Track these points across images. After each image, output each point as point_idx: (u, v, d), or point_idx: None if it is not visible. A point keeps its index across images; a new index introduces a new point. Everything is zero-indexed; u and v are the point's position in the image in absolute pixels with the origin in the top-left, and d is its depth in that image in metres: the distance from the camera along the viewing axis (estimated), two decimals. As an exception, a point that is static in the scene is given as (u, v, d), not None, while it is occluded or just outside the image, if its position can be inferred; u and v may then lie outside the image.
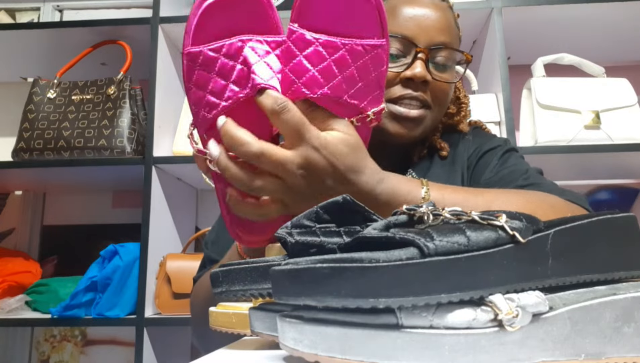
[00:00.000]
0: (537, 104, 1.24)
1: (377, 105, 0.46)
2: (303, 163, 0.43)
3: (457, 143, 0.80)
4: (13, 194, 1.72)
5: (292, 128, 0.42)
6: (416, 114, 0.69)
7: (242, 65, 0.42)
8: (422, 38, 0.69)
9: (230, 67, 0.42)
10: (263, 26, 0.44)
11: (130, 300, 1.24)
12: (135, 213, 1.67)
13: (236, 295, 0.39)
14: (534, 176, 0.68)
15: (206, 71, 0.43)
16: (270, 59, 0.43)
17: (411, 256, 0.24)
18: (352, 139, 0.45)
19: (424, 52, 0.68)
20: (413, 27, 0.69)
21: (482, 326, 0.24)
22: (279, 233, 0.34)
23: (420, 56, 0.68)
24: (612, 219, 0.30)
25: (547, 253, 0.27)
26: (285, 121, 0.42)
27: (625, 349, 0.26)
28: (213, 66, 0.43)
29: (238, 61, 0.42)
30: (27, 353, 1.60)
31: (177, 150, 1.28)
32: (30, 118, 1.32)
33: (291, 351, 0.27)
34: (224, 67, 0.43)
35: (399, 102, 0.69)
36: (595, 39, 1.45)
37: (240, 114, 0.43)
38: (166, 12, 1.38)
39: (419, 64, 0.67)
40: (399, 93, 0.69)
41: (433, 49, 0.69)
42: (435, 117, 0.73)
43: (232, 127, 0.42)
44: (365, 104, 0.45)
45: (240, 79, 0.42)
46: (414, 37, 0.68)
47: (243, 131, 0.42)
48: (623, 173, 1.42)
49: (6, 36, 1.40)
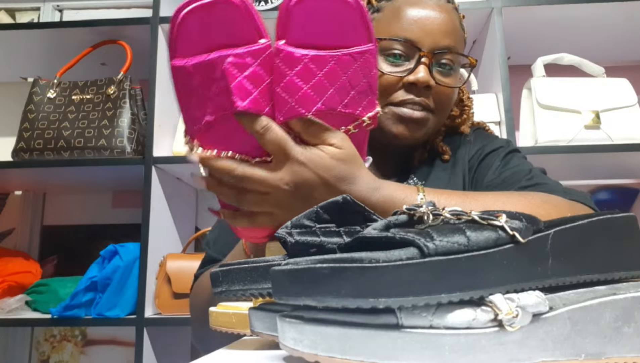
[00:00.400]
0: (537, 104, 1.24)
1: (372, 109, 0.47)
2: (290, 179, 0.44)
3: (458, 145, 0.79)
4: (13, 194, 1.72)
5: (276, 147, 0.44)
6: (420, 115, 0.68)
7: (222, 82, 0.42)
8: (426, 42, 0.67)
9: (210, 84, 0.42)
10: (243, 34, 0.43)
11: (130, 300, 1.24)
12: (135, 213, 1.67)
13: (236, 294, 0.39)
14: (538, 176, 0.67)
15: (188, 85, 0.43)
16: (250, 73, 0.42)
17: (411, 256, 0.24)
18: (343, 152, 0.46)
19: (428, 56, 0.67)
20: (417, 31, 0.67)
21: (482, 326, 0.24)
22: (279, 233, 0.34)
23: (423, 60, 0.67)
24: (612, 219, 0.30)
25: (547, 253, 0.27)
26: (269, 141, 0.43)
27: (626, 349, 0.26)
28: (194, 81, 0.43)
29: (217, 77, 0.42)
30: (27, 353, 1.60)
31: (177, 150, 1.28)
32: (30, 118, 1.32)
33: (291, 351, 0.27)
34: (204, 83, 0.43)
35: (402, 105, 0.68)
36: (595, 39, 1.45)
37: (228, 122, 0.44)
38: (166, 12, 1.38)
39: (422, 69, 0.66)
40: (401, 98, 0.68)
41: (437, 53, 0.67)
42: (438, 121, 0.73)
43: (210, 158, 0.44)
44: (360, 110, 0.46)
45: (220, 95, 0.42)
46: (417, 40, 0.67)
47: (223, 160, 0.44)
48: (623, 173, 1.42)
49: (6, 36, 1.40)
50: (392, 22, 0.69)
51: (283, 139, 0.44)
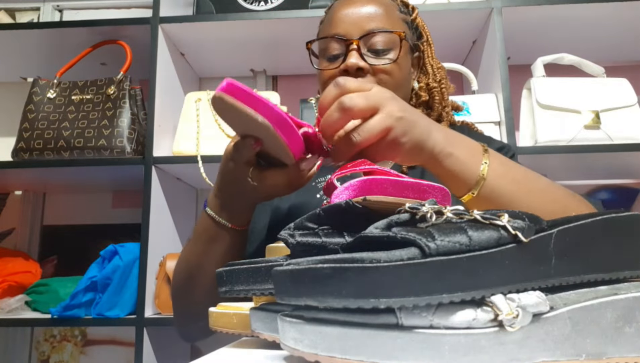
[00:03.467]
0: (537, 104, 1.24)
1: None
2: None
3: None
4: (13, 194, 1.72)
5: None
6: None
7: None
8: (353, 31, 0.72)
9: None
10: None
11: (130, 300, 1.24)
12: (135, 213, 1.67)
13: (239, 294, 0.39)
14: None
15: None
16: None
17: (412, 257, 0.24)
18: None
19: (355, 42, 0.71)
20: (344, 24, 0.72)
21: (482, 326, 0.24)
22: (281, 234, 0.34)
23: (352, 47, 0.71)
24: (616, 219, 0.30)
25: (550, 253, 0.27)
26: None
27: (627, 349, 0.26)
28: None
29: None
30: (27, 353, 1.60)
31: (177, 150, 1.28)
32: (30, 118, 1.32)
33: (292, 351, 0.27)
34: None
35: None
36: (595, 39, 1.45)
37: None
38: (166, 12, 1.38)
39: (351, 55, 0.70)
40: None
41: (363, 37, 0.71)
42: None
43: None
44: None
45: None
46: (345, 33, 0.72)
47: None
48: (623, 173, 1.42)
49: (6, 36, 1.40)
50: (326, 26, 0.76)
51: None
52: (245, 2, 1.38)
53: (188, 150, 1.27)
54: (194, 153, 1.25)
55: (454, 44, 1.46)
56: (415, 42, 0.81)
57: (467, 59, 1.54)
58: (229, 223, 0.63)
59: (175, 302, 0.73)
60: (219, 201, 0.63)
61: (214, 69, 1.63)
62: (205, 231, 0.65)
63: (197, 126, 1.29)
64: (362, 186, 0.39)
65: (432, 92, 0.80)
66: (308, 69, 1.62)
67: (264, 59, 1.57)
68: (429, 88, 0.80)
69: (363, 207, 0.33)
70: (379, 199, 0.34)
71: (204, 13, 1.38)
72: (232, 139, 0.59)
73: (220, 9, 1.38)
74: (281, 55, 1.53)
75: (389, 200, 0.35)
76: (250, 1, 1.38)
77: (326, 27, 0.76)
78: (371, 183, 0.39)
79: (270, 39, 1.42)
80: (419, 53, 0.82)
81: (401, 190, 0.40)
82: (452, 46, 1.47)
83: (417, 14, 0.81)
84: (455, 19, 1.32)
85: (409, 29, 0.78)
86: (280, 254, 0.44)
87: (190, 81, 1.59)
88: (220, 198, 0.63)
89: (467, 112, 1.26)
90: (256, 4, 1.38)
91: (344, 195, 0.39)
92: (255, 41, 1.43)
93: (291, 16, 1.28)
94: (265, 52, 1.52)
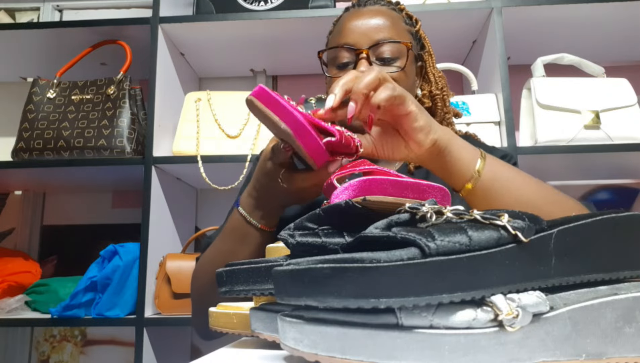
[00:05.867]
0: (537, 104, 1.24)
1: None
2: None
3: None
4: (13, 194, 1.72)
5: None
6: None
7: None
8: (363, 41, 0.75)
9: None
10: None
11: (130, 300, 1.24)
12: (135, 213, 1.67)
13: (239, 294, 0.39)
14: None
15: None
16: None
17: (412, 257, 0.24)
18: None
19: (365, 52, 0.74)
20: (354, 35, 0.76)
21: (482, 326, 0.24)
22: (281, 234, 0.34)
23: (362, 56, 0.74)
24: (616, 219, 0.30)
25: (550, 253, 0.27)
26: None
27: (627, 349, 0.26)
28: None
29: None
30: (27, 353, 1.60)
31: (177, 150, 1.28)
32: (30, 118, 1.32)
33: (292, 351, 0.27)
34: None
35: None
36: (595, 39, 1.45)
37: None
38: (166, 12, 1.38)
39: (361, 63, 0.73)
40: None
41: (373, 46, 0.74)
42: None
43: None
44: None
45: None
46: (354, 42, 0.75)
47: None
48: (623, 173, 1.42)
49: (6, 36, 1.40)
50: (336, 36, 0.79)
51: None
52: (245, 2, 1.38)
53: (188, 150, 1.27)
54: (194, 152, 1.25)
55: (454, 44, 1.46)
56: (419, 52, 0.84)
57: (467, 59, 1.54)
58: (259, 223, 0.66)
59: (197, 300, 0.74)
60: (252, 201, 0.66)
61: (213, 69, 1.63)
62: (235, 230, 0.67)
63: (197, 126, 1.29)
64: (362, 186, 0.39)
65: (435, 99, 0.83)
66: (308, 69, 1.62)
67: (264, 59, 1.57)
68: (432, 95, 0.83)
69: (363, 207, 0.33)
70: (379, 199, 0.34)
71: (204, 13, 1.38)
72: (271, 141, 0.61)
73: (220, 9, 1.38)
74: (281, 55, 1.53)
75: (389, 200, 0.35)
76: (250, 1, 1.38)
77: (336, 37, 0.79)
78: (371, 183, 0.40)
79: (270, 39, 1.42)
80: (422, 63, 0.85)
81: (401, 190, 0.40)
82: (452, 45, 1.47)
83: (420, 26, 0.84)
84: (455, 19, 1.32)
85: (413, 39, 0.81)
86: (280, 254, 0.44)
87: (190, 81, 1.59)
88: (254, 198, 0.65)
89: (467, 113, 1.26)
90: (256, 4, 1.38)
91: (343, 195, 0.39)
92: (255, 41, 1.44)
93: (291, 16, 1.28)
94: (265, 52, 1.52)
